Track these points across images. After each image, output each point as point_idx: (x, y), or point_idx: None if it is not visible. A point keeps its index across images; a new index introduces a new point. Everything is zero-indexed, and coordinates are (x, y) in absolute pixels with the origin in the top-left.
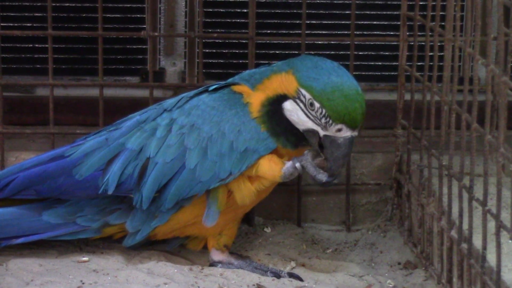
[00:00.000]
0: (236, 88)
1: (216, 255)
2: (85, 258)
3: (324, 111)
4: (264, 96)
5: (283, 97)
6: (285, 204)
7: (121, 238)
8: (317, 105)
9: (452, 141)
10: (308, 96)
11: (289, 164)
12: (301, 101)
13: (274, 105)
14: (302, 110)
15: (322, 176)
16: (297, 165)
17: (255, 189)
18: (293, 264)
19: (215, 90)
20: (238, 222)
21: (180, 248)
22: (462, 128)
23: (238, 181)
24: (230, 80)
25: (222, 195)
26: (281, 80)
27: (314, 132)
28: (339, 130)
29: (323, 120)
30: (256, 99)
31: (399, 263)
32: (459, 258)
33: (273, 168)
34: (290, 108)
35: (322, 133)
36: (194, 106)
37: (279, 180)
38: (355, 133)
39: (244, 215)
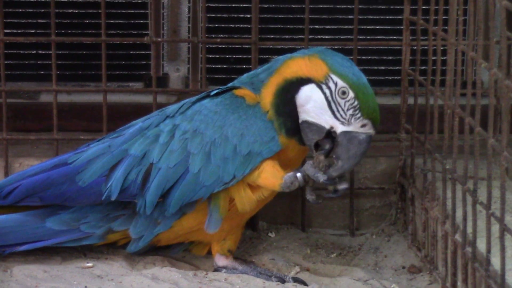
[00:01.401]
0: (237, 92)
1: (220, 260)
2: (90, 264)
3: (357, 102)
4: (281, 78)
5: (305, 81)
6: (289, 209)
7: (125, 244)
8: (351, 95)
9: (456, 145)
10: (341, 83)
11: (290, 173)
12: (328, 88)
13: (292, 86)
14: (326, 98)
15: (320, 176)
16: (298, 174)
17: (256, 198)
18: (297, 268)
19: (217, 94)
20: (242, 227)
21: (185, 253)
22: (466, 132)
23: (239, 189)
24: (231, 84)
25: (223, 202)
26: (304, 63)
27: (320, 129)
28: (364, 125)
29: (349, 112)
30: (271, 83)
31: (403, 267)
32: (464, 261)
33: (275, 175)
34: (309, 94)
35: (340, 129)
36: (196, 111)
37: (278, 189)
38: (374, 133)
39: (248, 220)
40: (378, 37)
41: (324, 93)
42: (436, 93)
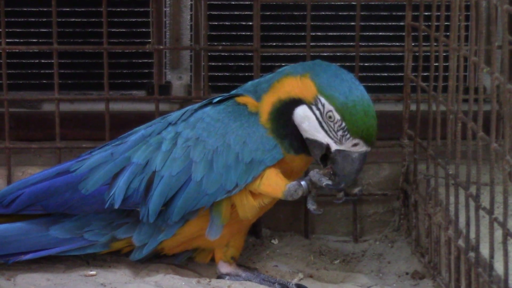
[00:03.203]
0: (240, 99)
1: (223, 267)
2: (93, 272)
3: (343, 124)
4: (275, 98)
5: (297, 102)
6: (292, 216)
7: (128, 252)
8: (337, 117)
9: (459, 150)
10: (328, 106)
11: (294, 182)
12: (318, 109)
13: (286, 107)
14: (317, 118)
15: (324, 180)
16: (303, 182)
17: (258, 205)
18: (300, 275)
19: (219, 102)
20: (245, 234)
21: (188, 260)
22: (468, 137)
23: (241, 196)
24: (234, 92)
25: (225, 208)
26: (296, 84)
27: (321, 145)
28: (355, 145)
29: (339, 133)
30: (266, 102)
31: (407, 273)
32: (467, 267)
33: (278, 183)
34: (303, 115)
35: (334, 147)
36: (198, 119)
37: (281, 197)
38: (369, 149)
39: (251, 227)
40: (380, 43)
41: (315, 114)
42: (438, 98)
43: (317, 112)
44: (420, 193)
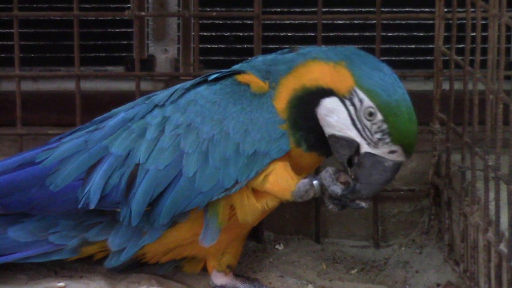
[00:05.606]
0: (241, 77)
1: (217, 278)
2: (61, 284)
3: (385, 126)
4: (299, 84)
5: (326, 92)
6: (301, 216)
7: (103, 259)
8: (379, 117)
9: (500, 137)
10: (368, 103)
11: (305, 180)
12: (353, 105)
13: (311, 96)
14: (350, 115)
15: (337, 188)
16: (315, 182)
17: (261, 207)
18: (311, 287)
19: (216, 80)
20: (244, 239)
21: (175, 270)
22: (511, 122)
23: (242, 195)
24: (236, 67)
25: (223, 210)
26: (327, 71)
27: (350, 144)
28: (393, 152)
29: (377, 136)
30: (285, 86)
31: (438, 285)
32: (510, 276)
33: (287, 180)
34: (331, 108)
35: (366, 149)
36: (191, 100)
37: (289, 197)
38: (405, 160)
39: (251, 229)
40: (406, 9)
41: (348, 110)
42: (475, 75)
43: (351, 108)
44: (454, 188)
